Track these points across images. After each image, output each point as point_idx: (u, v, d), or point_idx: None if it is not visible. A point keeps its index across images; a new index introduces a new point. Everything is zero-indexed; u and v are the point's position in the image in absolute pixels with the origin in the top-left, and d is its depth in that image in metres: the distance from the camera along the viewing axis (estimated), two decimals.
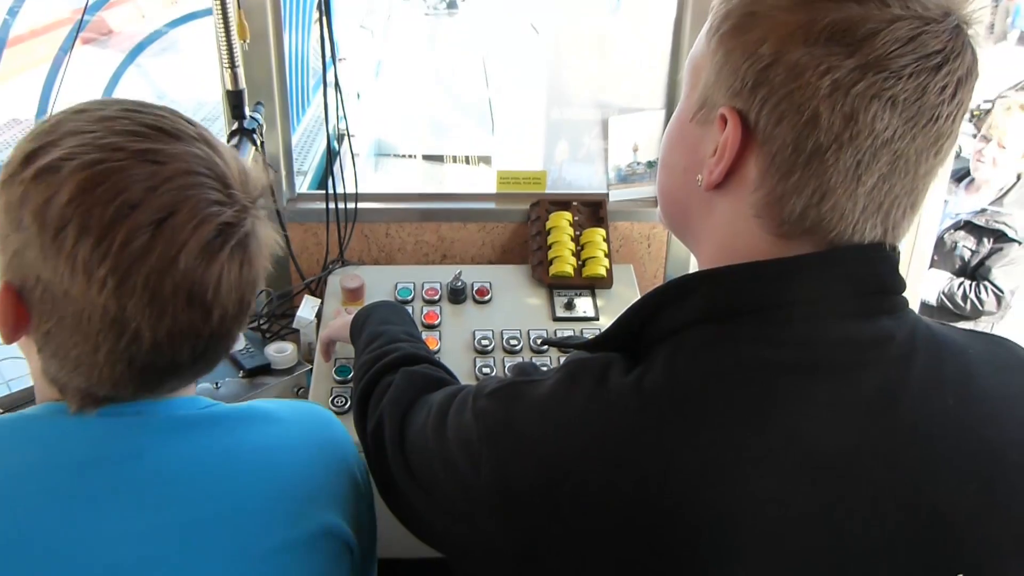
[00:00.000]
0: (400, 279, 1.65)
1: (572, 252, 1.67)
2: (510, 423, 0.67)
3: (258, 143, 1.55)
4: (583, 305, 1.62)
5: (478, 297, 1.61)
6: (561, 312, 1.60)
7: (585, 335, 1.54)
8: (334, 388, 1.42)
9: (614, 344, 0.69)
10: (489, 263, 1.82)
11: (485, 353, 1.50)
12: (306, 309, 1.56)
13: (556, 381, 0.68)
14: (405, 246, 1.80)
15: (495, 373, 1.47)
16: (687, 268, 1.84)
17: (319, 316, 1.57)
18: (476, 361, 1.48)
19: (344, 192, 1.68)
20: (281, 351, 1.52)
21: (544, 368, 0.81)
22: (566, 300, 1.62)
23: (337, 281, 1.62)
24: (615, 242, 1.80)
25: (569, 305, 1.61)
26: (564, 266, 1.65)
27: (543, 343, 1.51)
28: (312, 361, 1.52)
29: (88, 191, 0.61)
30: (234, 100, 1.50)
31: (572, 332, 1.57)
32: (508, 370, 1.43)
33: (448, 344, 1.52)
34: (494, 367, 1.48)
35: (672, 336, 0.65)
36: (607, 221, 1.75)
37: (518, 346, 1.51)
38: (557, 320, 1.59)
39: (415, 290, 1.63)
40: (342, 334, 1.24)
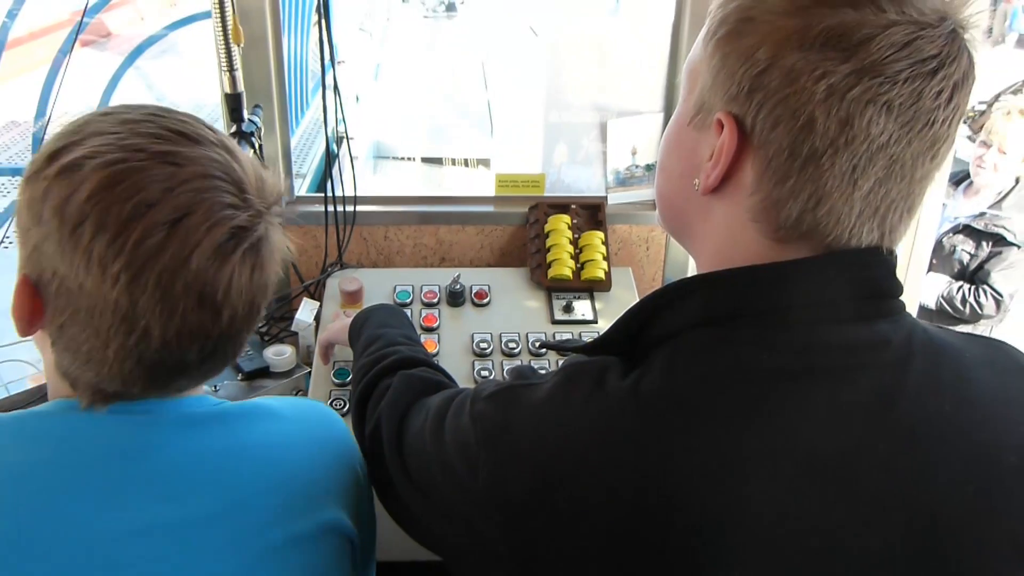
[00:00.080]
0: (399, 282, 1.65)
1: (571, 255, 1.67)
2: (508, 426, 0.67)
3: (256, 146, 1.55)
4: (581, 308, 1.62)
5: (477, 300, 1.61)
6: (559, 315, 1.60)
7: (583, 338, 1.54)
8: (333, 391, 1.42)
9: (612, 347, 0.69)
10: (488, 266, 1.82)
11: (483, 356, 1.50)
12: (305, 312, 1.56)
13: (554, 384, 0.68)
14: (404, 249, 1.80)
15: (493, 376, 1.47)
16: (685, 271, 1.84)
17: (318, 319, 1.57)
18: (474, 364, 1.48)
19: (343, 195, 1.68)
20: (280, 354, 1.52)
21: (542, 371, 0.81)
22: (564, 303, 1.62)
23: (336, 284, 1.62)
24: (613, 245, 1.80)
25: (568, 308, 1.61)
26: (563, 269, 1.65)
27: (541, 346, 1.51)
28: (311, 364, 1.52)
29: (107, 189, 0.62)
30: (232, 103, 1.50)
31: (570, 335, 1.57)
32: (506, 373, 1.43)
33: (446, 347, 1.52)
34: (492, 370, 1.48)
35: (670, 340, 0.65)
36: (606, 224, 1.75)
37: (516, 349, 1.51)
38: (555, 323, 1.59)
39: (414, 293, 1.63)
40: (340, 337, 1.24)
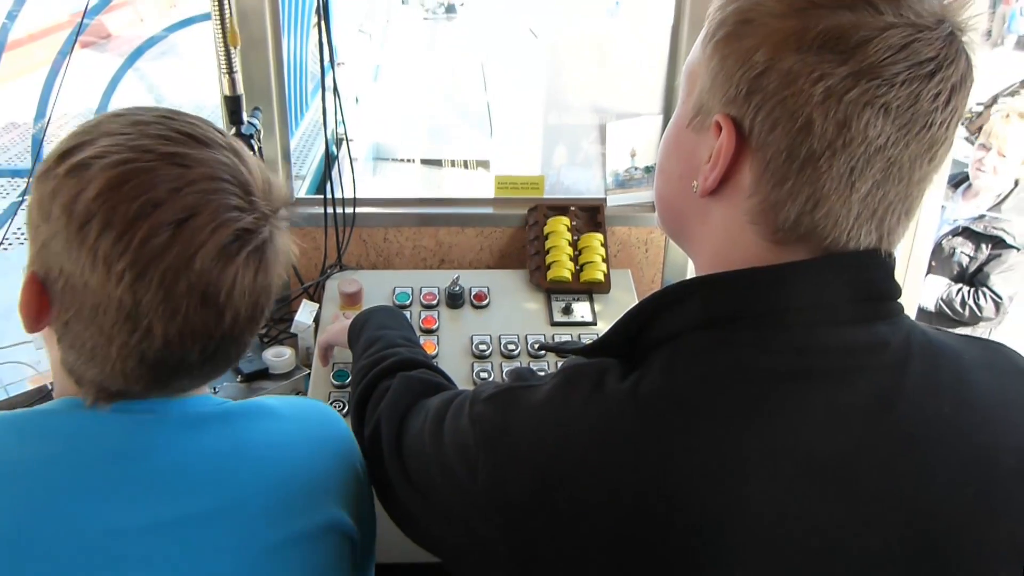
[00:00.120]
0: (398, 284, 1.65)
1: (570, 257, 1.68)
2: (507, 428, 0.68)
3: (256, 148, 1.55)
4: (581, 310, 1.62)
5: (476, 302, 1.61)
6: (559, 317, 1.60)
7: (583, 340, 1.54)
8: (332, 392, 1.42)
9: (611, 349, 0.69)
10: (487, 268, 1.82)
11: (483, 358, 1.50)
12: (304, 314, 1.56)
13: (553, 386, 0.68)
14: (403, 251, 1.80)
15: (492, 378, 1.47)
16: (685, 272, 1.84)
17: (317, 321, 1.57)
18: (474, 366, 1.48)
19: (342, 197, 1.68)
20: (279, 355, 1.52)
21: (541, 373, 0.81)
22: (564, 305, 1.62)
23: (335, 286, 1.62)
24: (613, 247, 1.80)
25: (567, 310, 1.61)
26: (562, 271, 1.65)
27: (540, 348, 1.51)
28: (310, 366, 1.52)
29: (115, 188, 0.63)
30: (232, 106, 1.50)
31: (570, 337, 1.57)
32: (505, 375, 1.43)
33: (446, 349, 1.52)
34: (492, 372, 1.48)
35: (669, 341, 0.65)
36: (605, 226, 1.75)
37: (516, 351, 1.51)
38: (555, 325, 1.59)
39: (413, 295, 1.63)
40: (340, 339, 1.24)
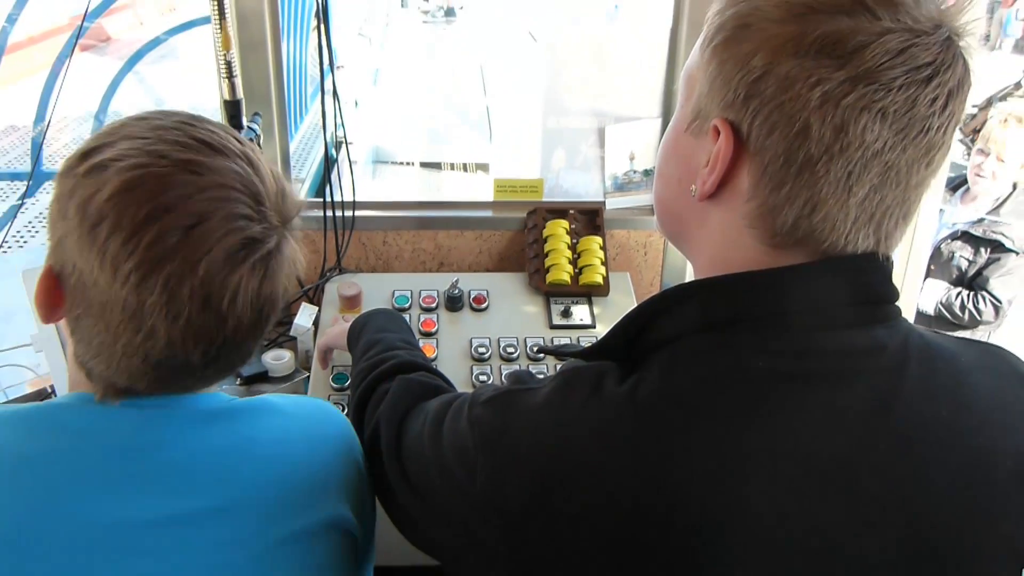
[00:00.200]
0: (397, 287, 1.65)
1: (569, 260, 1.68)
2: (505, 431, 0.68)
3: None
4: (580, 313, 1.62)
5: (475, 305, 1.62)
6: (558, 320, 1.60)
7: (582, 343, 1.54)
8: (331, 395, 1.42)
9: (610, 352, 0.69)
10: (486, 271, 1.82)
11: (482, 361, 1.50)
12: (303, 317, 1.56)
13: (551, 389, 0.68)
14: (402, 254, 1.81)
15: (492, 381, 1.47)
16: (683, 276, 1.84)
17: (316, 324, 1.57)
18: (473, 369, 1.48)
19: (342, 200, 1.69)
20: (279, 359, 1.53)
21: (540, 376, 0.81)
22: (563, 308, 1.62)
23: (334, 289, 1.61)
24: (611, 250, 1.80)
25: (566, 313, 1.61)
26: (561, 274, 1.65)
27: (539, 351, 1.50)
28: (309, 369, 1.52)
29: (127, 191, 0.65)
30: (232, 110, 1.51)
31: (569, 340, 1.57)
32: (504, 378, 1.43)
33: (445, 352, 1.52)
34: (491, 375, 1.48)
35: (668, 344, 0.65)
36: (604, 229, 1.75)
37: (515, 354, 1.51)
38: (554, 328, 1.59)
39: (412, 298, 1.63)
40: (339, 342, 1.24)
